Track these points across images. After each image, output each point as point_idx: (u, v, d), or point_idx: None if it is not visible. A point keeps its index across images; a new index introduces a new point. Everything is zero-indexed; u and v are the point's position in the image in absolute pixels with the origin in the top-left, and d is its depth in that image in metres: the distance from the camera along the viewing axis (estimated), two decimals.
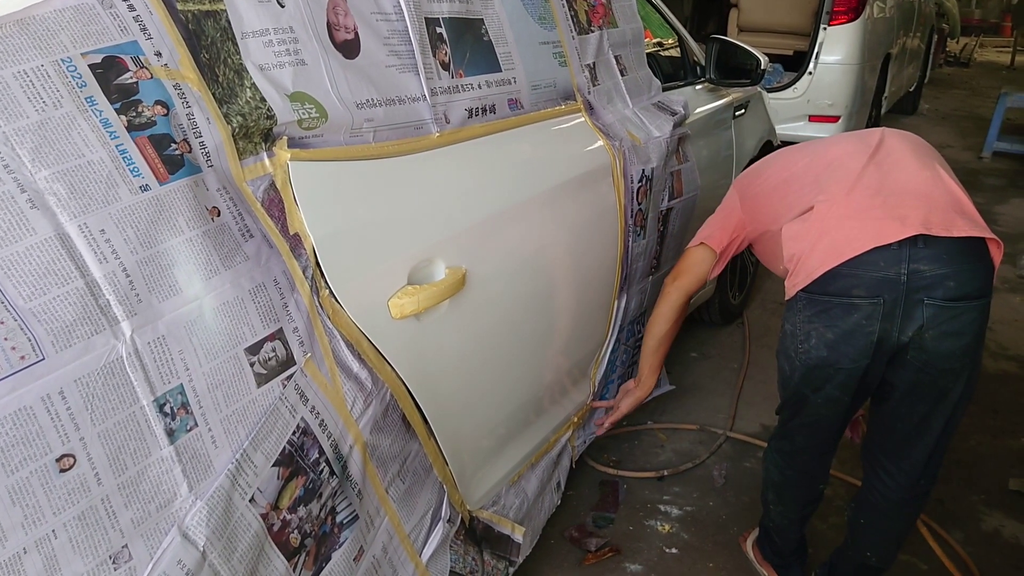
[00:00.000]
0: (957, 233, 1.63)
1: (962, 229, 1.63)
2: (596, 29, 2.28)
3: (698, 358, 3.58)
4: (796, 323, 1.79)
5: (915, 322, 1.66)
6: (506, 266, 1.79)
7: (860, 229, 1.67)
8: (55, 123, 1.00)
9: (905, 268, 1.63)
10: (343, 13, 1.45)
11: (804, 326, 1.77)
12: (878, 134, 1.87)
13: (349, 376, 1.34)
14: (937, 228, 1.62)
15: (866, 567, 2.04)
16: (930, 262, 1.63)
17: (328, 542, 1.35)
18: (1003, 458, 2.86)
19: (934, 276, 1.63)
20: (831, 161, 1.83)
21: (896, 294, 1.65)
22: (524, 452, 2.09)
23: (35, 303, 0.93)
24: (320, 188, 1.33)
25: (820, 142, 1.97)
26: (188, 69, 1.16)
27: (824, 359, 1.75)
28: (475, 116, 1.74)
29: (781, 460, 2.06)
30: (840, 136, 1.97)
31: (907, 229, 1.62)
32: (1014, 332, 3.85)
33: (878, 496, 1.95)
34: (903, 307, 1.65)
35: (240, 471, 1.14)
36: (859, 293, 1.67)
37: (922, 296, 1.64)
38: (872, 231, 1.65)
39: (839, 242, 1.68)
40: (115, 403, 1.00)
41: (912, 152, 1.81)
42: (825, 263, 1.69)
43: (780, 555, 2.25)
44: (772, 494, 2.13)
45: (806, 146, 1.99)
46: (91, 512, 0.97)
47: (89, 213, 1.00)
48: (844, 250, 1.67)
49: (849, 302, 1.68)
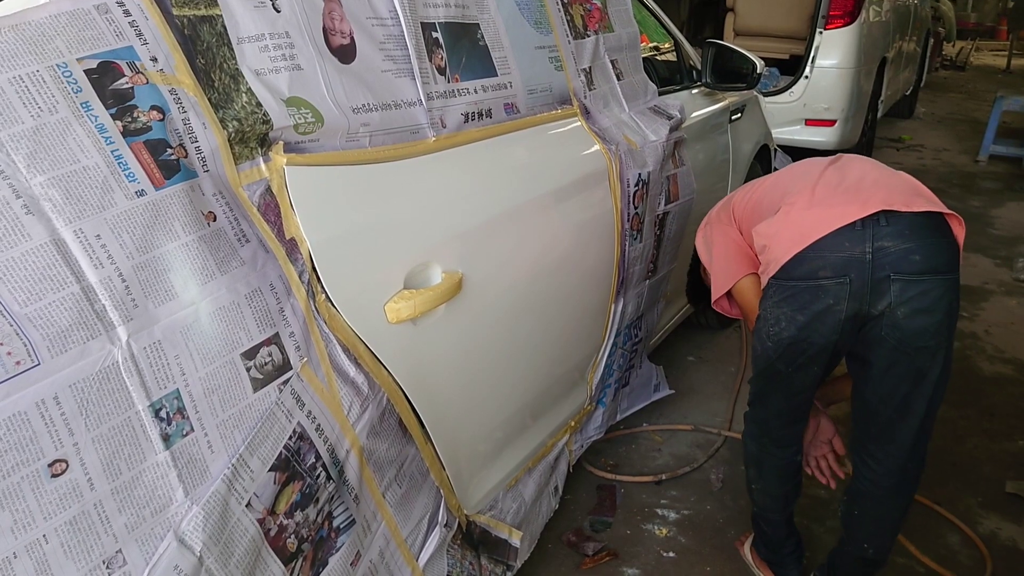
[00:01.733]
0: (917, 208, 1.70)
1: (922, 205, 1.71)
2: (592, 33, 2.29)
3: (695, 362, 3.58)
4: (767, 308, 1.87)
5: (884, 298, 1.71)
6: (503, 270, 1.79)
7: (824, 214, 1.73)
8: (50, 128, 1.00)
9: (870, 246, 1.69)
10: (339, 18, 1.45)
11: (774, 311, 1.84)
12: (838, 156, 1.98)
13: (345, 381, 1.34)
14: (898, 205, 1.69)
15: (864, 560, 2.05)
16: (894, 238, 1.69)
17: (325, 547, 1.35)
18: (1000, 461, 2.87)
19: (899, 251, 1.69)
20: (794, 174, 1.97)
21: (863, 272, 1.70)
22: (521, 456, 2.09)
23: (31, 308, 0.93)
24: (316, 193, 1.34)
25: (785, 168, 2.09)
26: (184, 74, 1.16)
27: (795, 337, 1.81)
28: (471, 121, 1.74)
29: (756, 429, 2.11)
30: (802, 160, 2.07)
31: (869, 208, 1.69)
32: (1010, 335, 3.85)
33: (869, 484, 1.97)
34: (870, 284, 1.71)
35: (236, 476, 1.14)
36: (825, 274, 1.72)
37: (888, 272, 1.70)
38: (836, 214, 1.72)
39: (804, 227, 1.75)
40: (110, 408, 1.00)
41: (869, 160, 1.92)
42: (791, 249, 1.75)
43: (773, 549, 2.25)
44: (752, 470, 2.16)
45: (769, 176, 2.11)
46: (83, 517, 0.97)
47: (85, 218, 1.00)
48: (809, 234, 1.73)
49: (816, 284, 1.74)
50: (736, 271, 2.04)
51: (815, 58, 5.63)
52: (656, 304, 2.73)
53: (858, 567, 2.09)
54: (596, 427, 2.57)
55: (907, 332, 1.74)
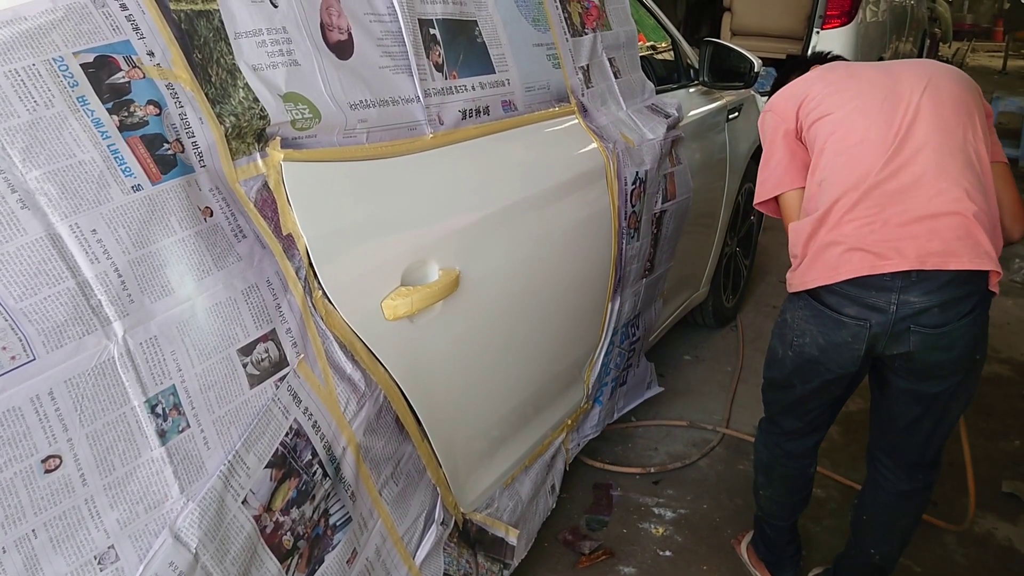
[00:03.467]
0: (954, 267, 1.63)
1: (960, 263, 1.63)
2: (590, 31, 2.29)
3: (691, 361, 3.58)
4: (795, 318, 1.85)
5: (902, 345, 1.72)
6: (500, 268, 1.78)
7: (858, 254, 1.68)
8: (46, 123, 0.99)
9: (895, 299, 1.67)
10: (337, 14, 1.44)
11: (801, 324, 1.83)
12: (915, 103, 1.73)
13: (342, 377, 1.34)
14: (933, 262, 1.63)
15: (870, 566, 2.06)
16: (920, 294, 1.66)
17: (321, 544, 1.35)
18: (996, 460, 2.87)
19: (922, 306, 1.67)
20: (855, 145, 1.74)
21: (884, 321, 1.69)
22: (518, 454, 2.09)
23: (26, 303, 0.93)
24: (313, 189, 1.33)
25: (859, 91, 1.80)
26: (181, 69, 1.15)
27: (815, 358, 1.82)
28: (469, 117, 1.74)
29: (769, 440, 2.11)
30: (873, 99, 1.77)
31: (903, 263, 1.64)
32: (1007, 335, 3.86)
33: (880, 491, 1.99)
34: (890, 333, 1.71)
35: (233, 472, 1.13)
36: (849, 312, 1.72)
37: (909, 324, 1.69)
38: (869, 260, 1.67)
39: (835, 262, 1.71)
40: (106, 404, 0.99)
41: (937, 152, 1.69)
42: (820, 279, 1.74)
43: (773, 551, 2.25)
44: (762, 476, 2.16)
45: (849, 88, 1.82)
46: (73, 512, 0.96)
47: (80, 213, 1.00)
48: (840, 271, 1.70)
49: (839, 318, 1.74)
50: (785, 182, 1.89)
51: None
52: (653, 303, 2.72)
53: (864, 574, 2.09)
54: (593, 425, 2.57)
55: (922, 364, 1.75)
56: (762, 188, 1.95)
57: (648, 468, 2.77)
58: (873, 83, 1.81)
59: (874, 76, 1.83)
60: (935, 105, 1.73)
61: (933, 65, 1.84)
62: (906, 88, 1.76)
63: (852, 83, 1.83)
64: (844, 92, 1.81)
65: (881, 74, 1.83)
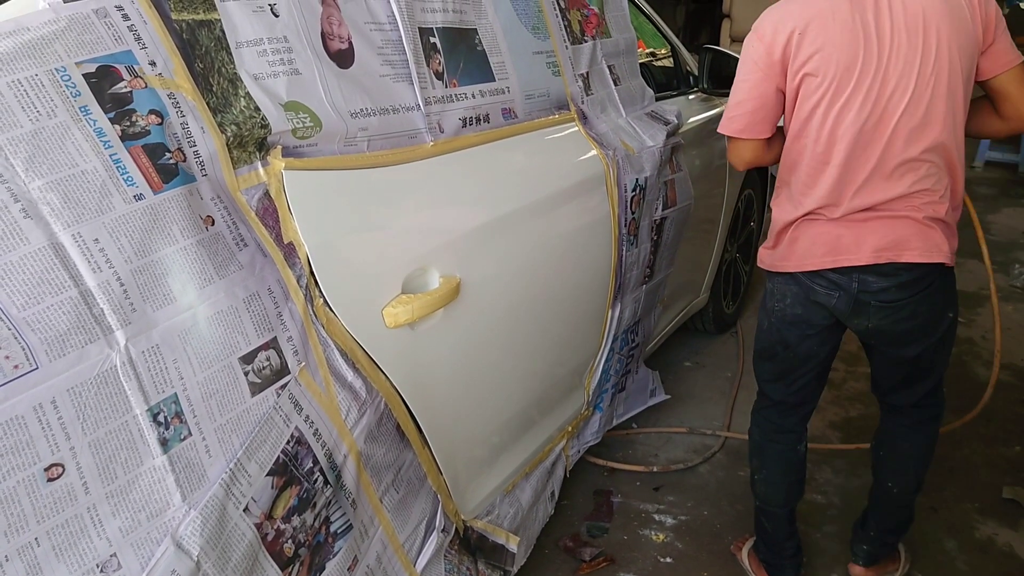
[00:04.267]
0: (907, 259, 1.79)
1: (912, 256, 1.79)
2: (589, 39, 2.29)
3: (692, 367, 3.58)
4: (776, 282, 2.01)
5: (866, 318, 1.88)
6: (500, 275, 1.79)
7: (824, 246, 1.85)
8: (49, 132, 1.00)
9: (856, 279, 1.84)
10: (337, 23, 1.45)
11: (782, 287, 1.98)
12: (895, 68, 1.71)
13: (343, 385, 1.34)
14: (887, 256, 1.80)
15: (890, 498, 2.19)
16: (876, 275, 1.82)
17: (322, 552, 1.35)
18: (996, 466, 2.87)
19: (879, 287, 1.83)
20: (834, 123, 1.76)
21: (849, 294, 1.86)
22: (518, 461, 2.09)
23: (29, 312, 0.93)
24: (314, 197, 1.34)
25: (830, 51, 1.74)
26: (182, 78, 1.16)
27: (799, 316, 1.96)
28: (469, 125, 1.75)
29: (759, 418, 2.21)
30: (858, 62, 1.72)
31: (859, 258, 1.81)
32: (1007, 341, 3.85)
33: (893, 424, 2.15)
34: (853, 306, 1.87)
35: (234, 480, 1.14)
36: (820, 283, 1.89)
37: (869, 299, 1.85)
38: (832, 251, 1.84)
39: (805, 252, 1.88)
40: (108, 412, 0.99)
41: (912, 119, 1.72)
42: (791, 266, 1.92)
43: (773, 548, 2.26)
44: (756, 460, 2.23)
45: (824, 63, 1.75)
46: (75, 520, 0.97)
47: (83, 222, 1.00)
48: (806, 261, 1.88)
49: (811, 285, 1.90)
50: (746, 129, 1.88)
51: None
52: (653, 309, 2.73)
53: (885, 508, 2.22)
54: (593, 432, 2.57)
55: (890, 334, 1.92)
56: (728, 122, 1.92)
57: (651, 467, 2.79)
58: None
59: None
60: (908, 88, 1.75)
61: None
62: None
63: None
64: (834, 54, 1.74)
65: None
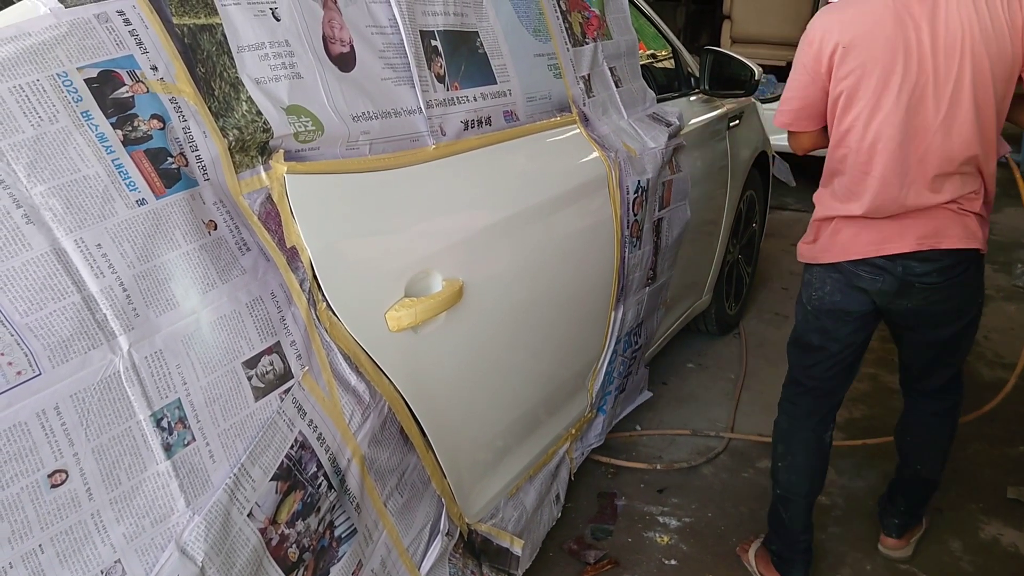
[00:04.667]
0: (946, 246, 1.91)
1: (951, 242, 1.91)
2: (591, 41, 2.29)
3: (694, 368, 3.58)
4: (814, 272, 2.09)
5: (908, 298, 1.98)
6: (503, 278, 1.78)
7: (868, 236, 1.95)
8: (51, 138, 1.00)
9: (900, 264, 1.93)
10: (339, 26, 1.45)
11: (821, 275, 2.06)
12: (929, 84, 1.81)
13: (347, 389, 1.34)
14: (928, 243, 1.91)
15: (918, 479, 2.33)
16: (919, 260, 1.93)
17: (326, 556, 1.35)
18: (1001, 466, 2.86)
19: (922, 271, 1.93)
20: (874, 138, 1.86)
21: (895, 277, 1.94)
22: (522, 464, 2.09)
23: (32, 318, 0.93)
24: (317, 201, 1.33)
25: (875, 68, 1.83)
26: (184, 83, 1.16)
27: (837, 304, 2.04)
28: (471, 128, 1.74)
29: (789, 406, 2.26)
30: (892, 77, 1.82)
31: (903, 246, 1.92)
32: (1010, 340, 3.85)
33: (918, 411, 2.28)
34: (898, 287, 1.96)
35: (238, 485, 1.13)
36: (865, 269, 1.97)
37: (913, 280, 1.94)
38: (877, 241, 1.94)
39: (848, 243, 1.98)
40: (111, 418, 0.99)
41: (946, 135, 1.82)
42: (833, 256, 2.01)
43: (787, 542, 2.28)
44: (781, 447, 2.26)
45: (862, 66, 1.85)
46: (80, 527, 0.96)
47: (85, 228, 1.00)
48: (851, 251, 1.97)
49: (855, 272, 1.99)
50: (794, 123, 2.04)
51: None
52: (656, 311, 2.72)
53: (913, 486, 2.35)
54: (596, 434, 2.57)
55: (927, 315, 2.02)
56: (779, 114, 2.08)
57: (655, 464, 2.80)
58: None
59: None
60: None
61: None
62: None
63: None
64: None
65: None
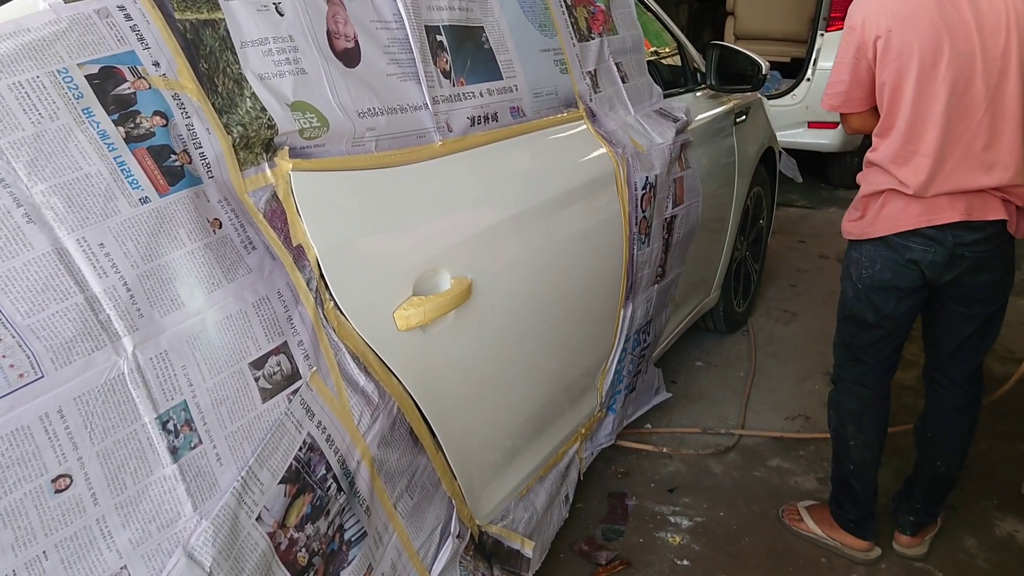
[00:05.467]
0: (991, 216, 1.98)
1: (995, 214, 1.98)
2: (596, 36, 2.27)
3: (703, 367, 3.55)
4: (863, 251, 2.12)
5: (955, 269, 2.03)
6: (512, 275, 1.76)
7: (918, 207, 1.99)
8: (51, 135, 0.98)
9: (950, 233, 1.98)
10: (343, 21, 1.43)
11: (871, 253, 2.10)
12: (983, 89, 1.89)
13: (355, 390, 1.32)
14: (976, 214, 1.97)
15: (938, 476, 2.31)
16: (968, 229, 1.99)
17: (336, 560, 1.32)
18: (1014, 462, 2.83)
19: (972, 239, 1.99)
20: (923, 117, 1.92)
21: (945, 247, 1.99)
22: (532, 465, 2.06)
23: (34, 319, 0.91)
24: (323, 198, 1.31)
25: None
26: (187, 79, 1.14)
27: (888, 281, 2.08)
28: (477, 124, 1.72)
29: (855, 386, 2.29)
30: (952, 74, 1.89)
31: (953, 216, 1.97)
32: (1020, 335, 3.82)
33: (940, 408, 2.28)
34: (948, 258, 2.01)
35: (246, 489, 1.11)
36: (916, 241, 2.01)
37: (962, 251, 2.00)
38: (927, 211, 1.98)
39: (898, 215, 2.02)
40: (116, 421, 0.97)
41: (991, 117, 1.90)
42: (882, 230, 2.05)
43: (861, 507, 2.35)
44: (852, 427, 2.30)
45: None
46: (84, 532, 0.94)
47: (87, 227, 0.98)
48: (900, 222, 2.02)
49: (906, 244, 2.03)
50: (843, 105, 2.08)
51: (816, 60, 5.59)
52: (664, 308, 2.70)
53: (931, 483, 2.33)
54: (607, 434, 2.54)
55: (970, 287, 2.07)
56: (827, 97, 2.12)
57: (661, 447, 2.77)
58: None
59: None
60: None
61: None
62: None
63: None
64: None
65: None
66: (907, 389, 3.16)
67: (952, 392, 2.25)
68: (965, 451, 2.31)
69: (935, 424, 2.30)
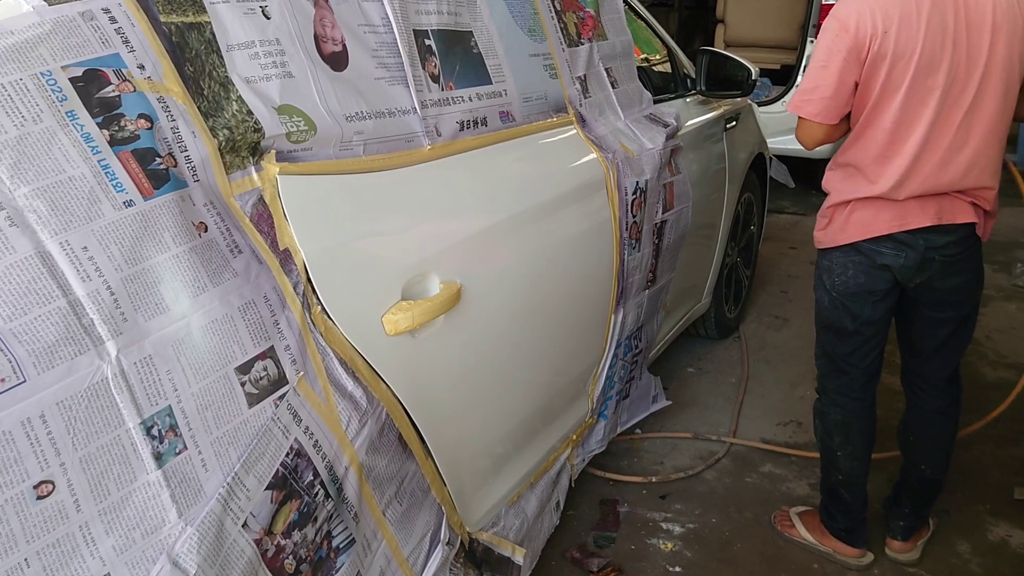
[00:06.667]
0: (960, 220, 2.00)
1: (964, 217, 2.01)
2: (586, 41, 2.27)
3: (695, 373, 3.55)
4: (834, 258, 2.12)
5: (926, 272, 2.04)
6: (502, 280, 1.75)
7: (889, 213, 2.00)
8: (35, 138, 0.97)
9: (922, 237, 2.00)
10: (330, 25, 1.42)
11: (842, 260, 2.10)
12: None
13: (343, 395, 1.31)
14: (947, 218, 1.99)
15: (923, 479, 2.32)
16: (939, 233, 2.00)
17: (324, 567, 1.31)
18: (1007, 467, 2.83)
19: (943, 242, 2.01)
20: (912, 117, 1.92)
21: (917, 251, 2.01)
22: (523, 471, 2.05)
23: (16, 323, 0.90)
24: (310, 202, 1.30)
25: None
26: (172, 82, 1.13)
27: (862, 285, 2.09)
28: (467, 129, 1.72)
29: (839, 396, 2.28)
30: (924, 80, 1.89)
31: (925, 220, 1.99)
32: (1011, 340, 3.83)
33: (920, 411, 2.29)
34: (919, 262, 2.02)
35: (232, 495, 1.10)
36: (887, 246, 2.02)
37: (933, 255, 2.02)
38: (899, 217, 1.99)
39: (869, 221, 2.02)
40: (99, 426, 0.96)
41: (973, 115, 1.91)
42: (853, 236, 2.05)
43: (851, 517, 2.35)
44: (839, 437, 2.29)
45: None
46: (67, 539, 0.93)
47: (71, 230, 0.97)
48: (872, 228, 2.02)
49: (877, 249, 2.04)
50: (822, 114, 2.01)
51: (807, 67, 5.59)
52: (656, 314, 2.69)
53: (918, 487, 2.34)
54: (598, 440, 2.53)
55: (941, 291, 2.08)
56: (804, 104, 2.04)
57: (650, 477, 2.76)
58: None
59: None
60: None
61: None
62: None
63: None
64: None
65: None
66: (899, 394, 3.15)
67: (931, 395, 2.27)
68: (949, 453, 2.32)
69: (916, 427, 2.31)
